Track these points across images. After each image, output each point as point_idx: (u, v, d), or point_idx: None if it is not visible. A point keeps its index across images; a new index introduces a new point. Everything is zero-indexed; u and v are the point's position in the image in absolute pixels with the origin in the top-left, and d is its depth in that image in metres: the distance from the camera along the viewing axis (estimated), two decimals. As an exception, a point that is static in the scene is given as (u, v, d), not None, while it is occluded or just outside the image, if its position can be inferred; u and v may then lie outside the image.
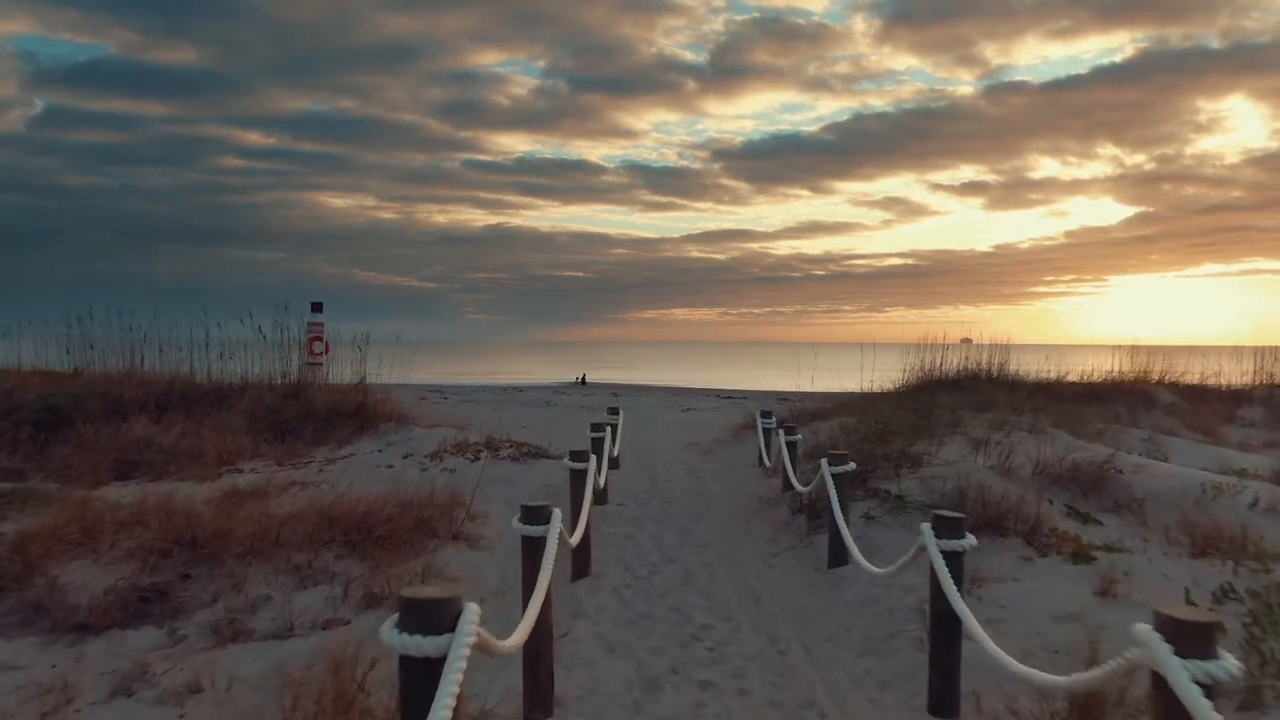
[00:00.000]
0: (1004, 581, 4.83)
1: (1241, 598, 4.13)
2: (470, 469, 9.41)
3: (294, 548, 5.99)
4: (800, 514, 6.75)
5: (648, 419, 17.99)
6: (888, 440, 8.29)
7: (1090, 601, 4.47)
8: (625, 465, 10.16)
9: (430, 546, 6.38)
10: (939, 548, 3.44)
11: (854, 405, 13.56)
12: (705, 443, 12.59)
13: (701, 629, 4.59)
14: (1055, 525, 5.75)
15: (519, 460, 9.61)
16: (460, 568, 6.03)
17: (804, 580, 5.49)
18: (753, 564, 5.95)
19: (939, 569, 3.37)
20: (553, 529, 3.52)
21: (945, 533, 3.49)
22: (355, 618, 5.11)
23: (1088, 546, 5.39)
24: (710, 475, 9.44)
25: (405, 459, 10.55)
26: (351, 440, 12.47)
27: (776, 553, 6.16)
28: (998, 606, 4.45)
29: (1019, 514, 5.68)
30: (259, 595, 5.45)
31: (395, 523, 6.38)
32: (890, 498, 6.28)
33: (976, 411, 10.45)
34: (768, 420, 9.73)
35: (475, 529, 6.98)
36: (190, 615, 5.26)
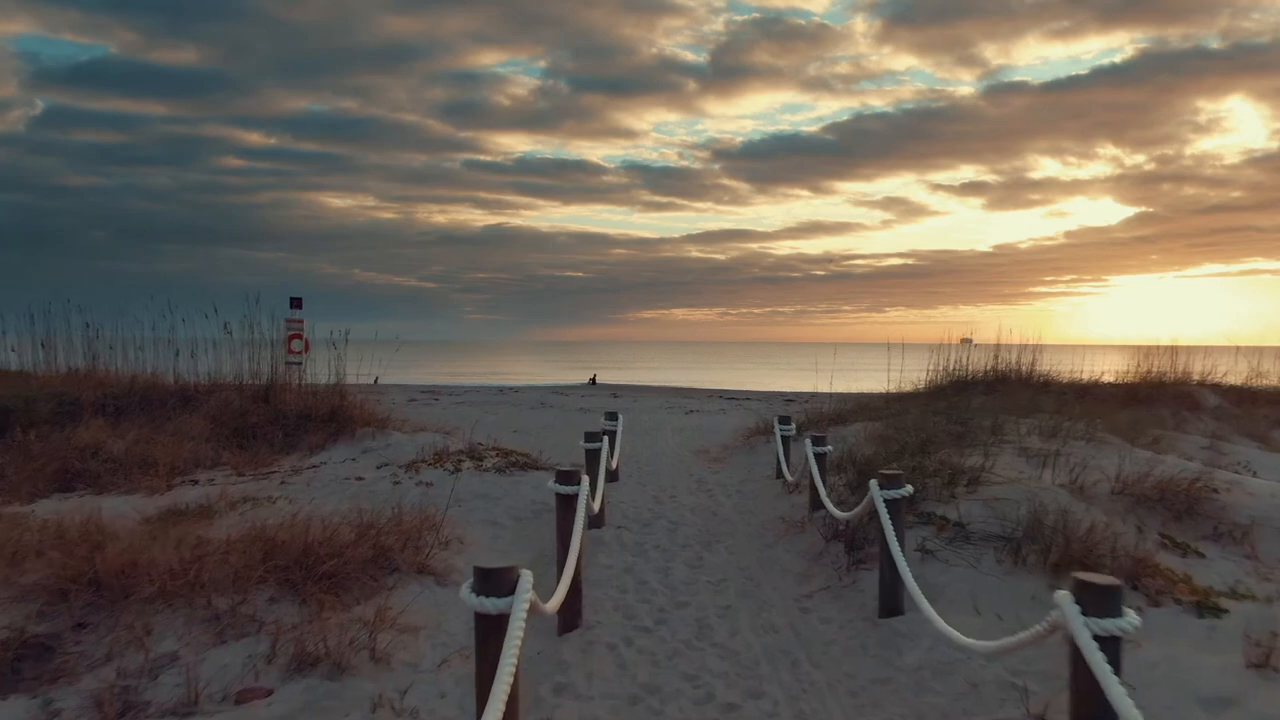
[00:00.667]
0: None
1: None
2: (449, 482, 8.29)
3: (218, 588, 4.87)
4: (834, 541, 5.63)
5: (650, 422, 16.86)
6: (927, 450, 7.18)
7: (1246, 679, 3.34)
8: (625, 477, 9.04)
9: (389, 583, 5.27)
10: (1089, 630, 2.31)
11: (874, 408, 12.46)
12: (713, 450, 11.46)
13: (726, 711, 3.46)
14: (1157, 562, 4.64)
15: (505, 472, 8.49)
16: (422, 613, 4.92)
17: (851, 634, 4.36)
18: (782, 608, 4.82)
19: (1095, 664, 2.25)
20: (518, 602, 2.39)
21: (1096, 607, 2.37)
22: (280, 685, 4.00)
23: (1209, 592, 4.27)
24: (722, 490, 8.31)
25: (379, 469, 9.45)
26: (325, 447, 11.37)
27: (810, 593, 5.03)
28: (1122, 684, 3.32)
29: (1114, 548, 4.56)
30: (164, 653, 4.33)
31: (347, 554, 5.25)
32: (948, 525, 5.16)
33: (1018, 416, 9.34)
34: (785, 426, 8.61)
35: (447, 559, 5.87)
36: (74, 680, 4.14)
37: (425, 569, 5.53)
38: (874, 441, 9.09)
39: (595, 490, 6.26)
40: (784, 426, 8.59)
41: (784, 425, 8.61)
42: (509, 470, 8.54)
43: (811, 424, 10.84)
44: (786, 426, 8.62)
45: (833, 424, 11.02)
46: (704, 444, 12.52)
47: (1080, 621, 2.34)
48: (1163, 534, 5.27)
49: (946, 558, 4.82)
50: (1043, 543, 4.75)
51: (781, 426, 8.57)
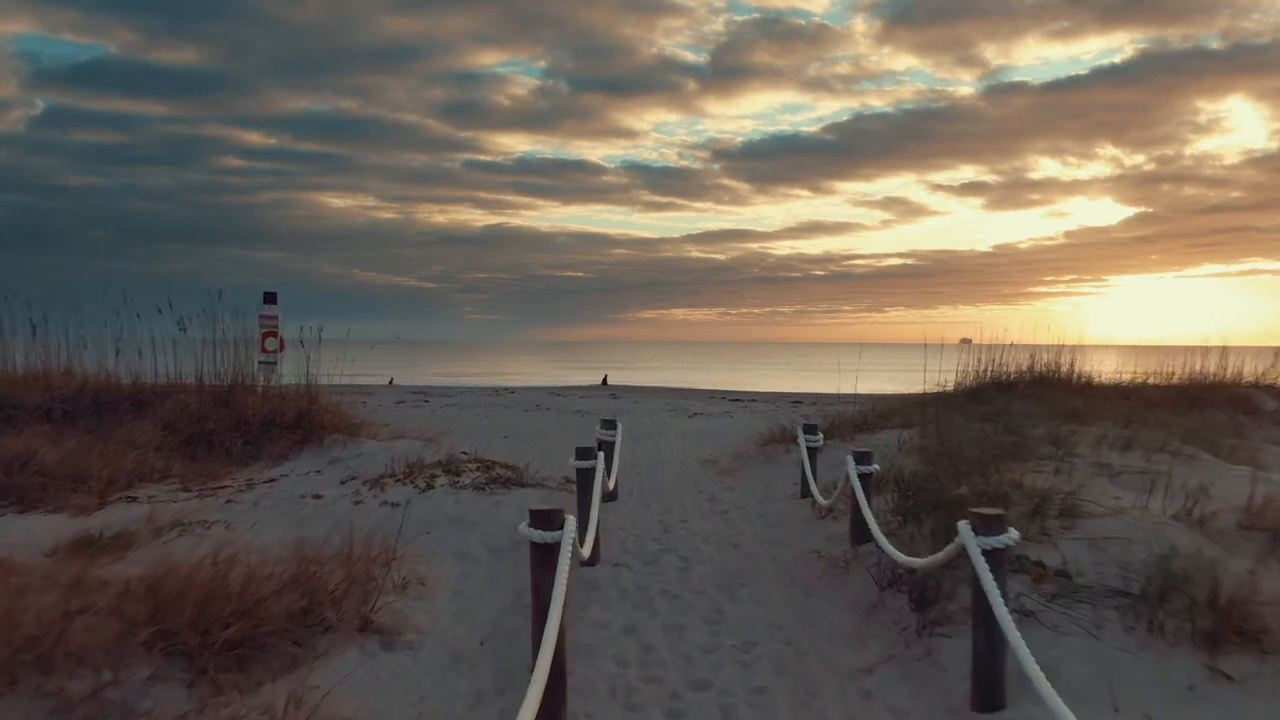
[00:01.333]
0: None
1: None
2: (419, 502, 7.09)
3: (85, 658, 3.66)
4: (892, 591, 4.42)
5: (651, 426, 15.64)
6: (987, 468, 5.97)
7: None
8: (626, 495, 7.83)
9: (319, 647, 4.06)
10: None
11: (900, 412, 11.25)
12: (724, 460, 10.25)
13: None
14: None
15: (485, 489, 7.28)
16: (357, 691, 3.71)
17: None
18: (836, 692, 3.60)
19: None
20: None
21: None
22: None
23: None
24: (740, 512, 7.09)
25: (342, 485, 8.25)
26: (289, 456, 10.17)
27: (870, 667, 3.80)
28: None
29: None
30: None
31: (262, 611, 4.04)
32: (1048, 574, 3.95)
33: (1076, 424, 8.13)
34: (812, 437, 7.38)
35: (401, 609, 4.66)
36: None
37: (370, 625, 4.32)
38: (914, 453, 7.89)
39: (588, 518, 5.06)
40: (810, 436, 7.36)
41: (810, 435, 7.38)
42: (489, 487, 7.33)
43: (835, 431, 9.64)
44: (813, 437, 7.39)
45: (858, 430, 9.83)
46: (712, 452, 11.30)
47: None
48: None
49: (1054, 622, 3.61)
50: (1184, 602, 3.55)
51: (807, 437, 7.34)
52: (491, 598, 4.93)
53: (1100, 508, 4.62)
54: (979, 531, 3.26)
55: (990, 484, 5.40)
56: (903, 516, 5.35)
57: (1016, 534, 3.31)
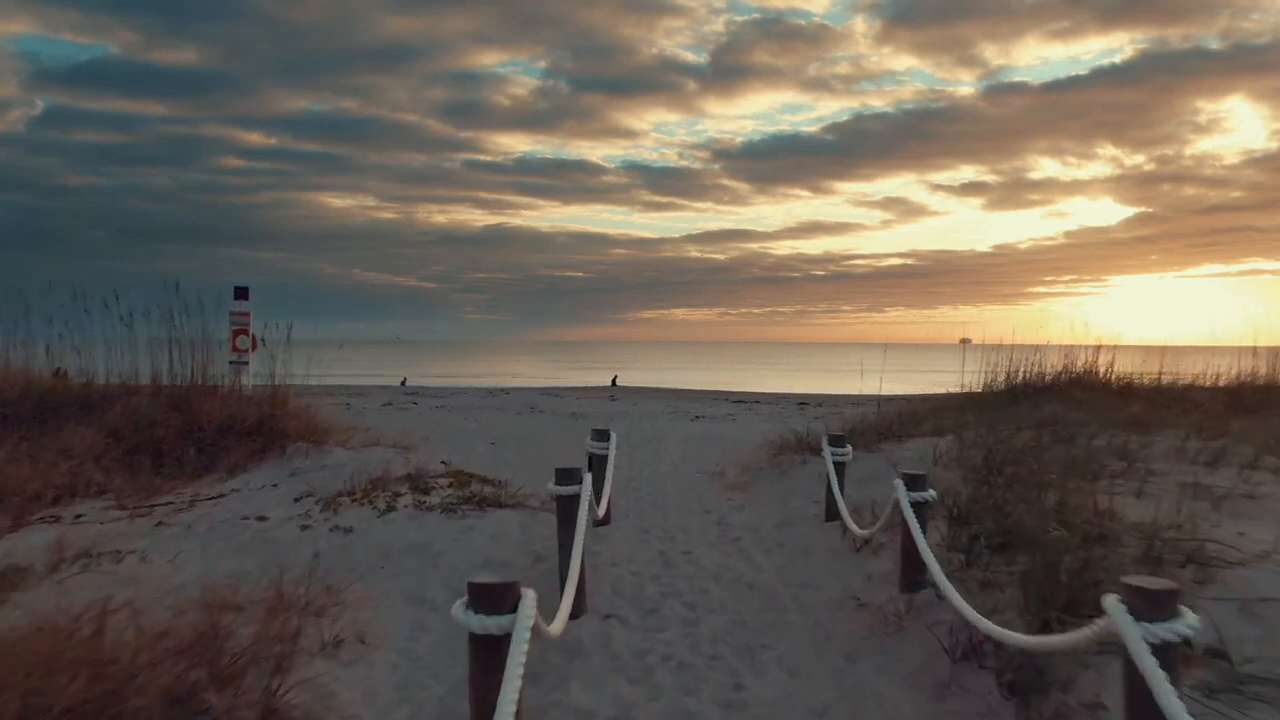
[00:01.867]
0: None
1: None
2: (376, 527, 6.01)
3: None
4: (968, 664, 3.33)
5: (651, 431, 14.56)
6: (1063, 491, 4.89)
7: None
8: (621, 516, 6.76)
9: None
10: None
11: (928, 416, 10.19)
12: (731, 471, 9.17)
13: None
14: None
15: (455, 511, 6.20)
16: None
17: None
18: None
19: None
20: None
21: None
22: None
23: None
24: (754, 538, 6.00)
25: (296, 503, 7.18)
26: (247, 467, 9.07)
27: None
28: None
29: None
30: None
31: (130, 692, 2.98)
32: (1194, 655, 2.87)
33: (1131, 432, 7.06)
34: (840, 450, 6.28)
35: (323, 686, 3.57)
36: None
37: (274, 715, 3.24)
38: (954, 467, 6.82)
39: (570, 558, 3.98)
40: (837, 449, 6.26)
41: (836, 447, 6.28)
42: (461, 508, 6.25)
43: (856, 439, 8.55)
44: (840, 450, 6.29)
45: (883, 439, 8.74)
46: (718, 461, 10.23)
47: None
48: None
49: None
50: None
51: (834, 449, 6.24)
52: (446, 664, 3.85)
53: (1238, 553, 3.54)
54: (1139, 615, 2.18)
55: (1072, 512, 4.32)
56: (964, 555, 4.27)
57: (1195, 620, 2.22)
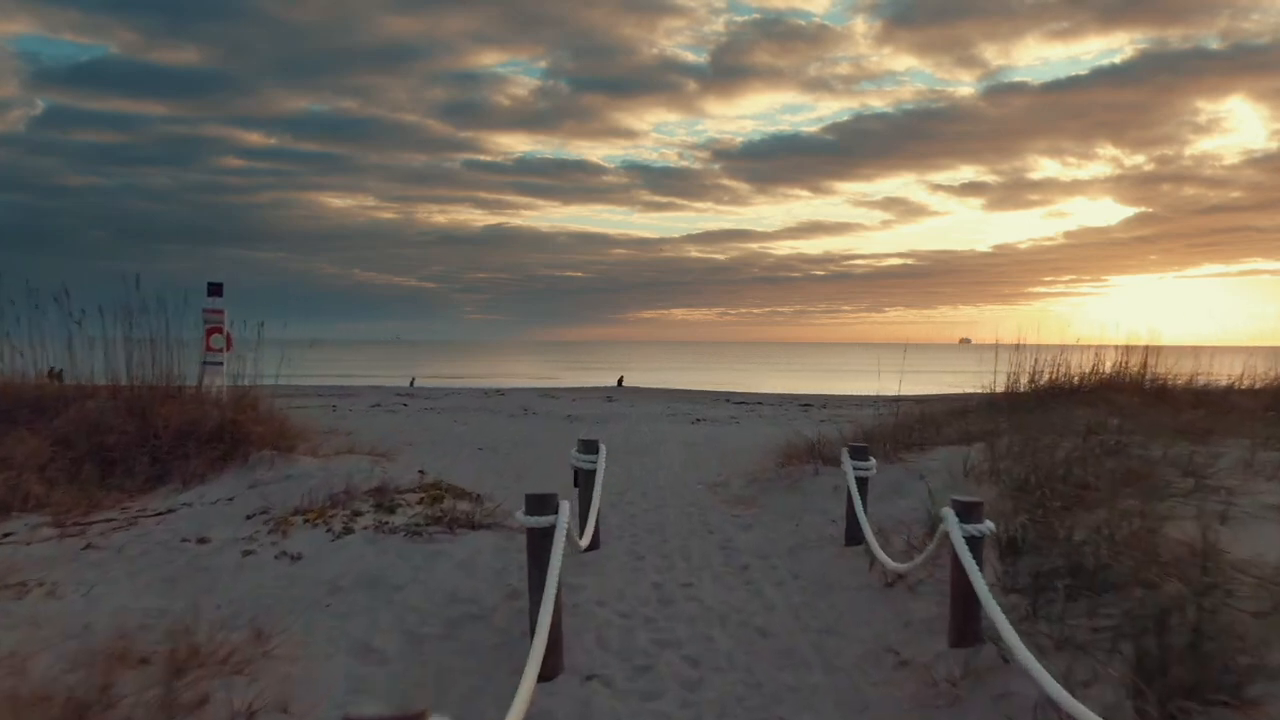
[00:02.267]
0: None
1: None
2: (328, 553, 5.21)
3: None
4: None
5: (649, 435, 13.76)
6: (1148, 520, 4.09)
7: None
8: (613, 539, 5.96)
9: None
10: None
11: (945, 421, 9.39)
12: (735, 481, 8.38)
13: None
14: None
15: (420, 534, 5.40)
16: None
17: None
18: None
19: None
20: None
21: None
22: None
23: None
24: (765, 567, 5.19)
25: (247, 521, 6.41)
26: (205, 477, 8.27)
27: None
28: None
29: None
30: None
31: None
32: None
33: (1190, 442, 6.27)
34: (863, 464, 5.47)
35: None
36: None
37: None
38: (988, 481, 6.03)
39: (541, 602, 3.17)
40: (859, 463, 5.44)
41: (859, 460, 5.47)
42: (427, 531, 5.46)
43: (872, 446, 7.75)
44: (863, 463, 5.47)
45: (903, 447, 7.94)
46: (720, 470, 9.43)
47: None
48: None
49: None
50: None
51: (856, 463, 5.43)
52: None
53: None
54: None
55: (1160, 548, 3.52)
56: (1030, 601, 3.46)
57: None
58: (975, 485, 6.15)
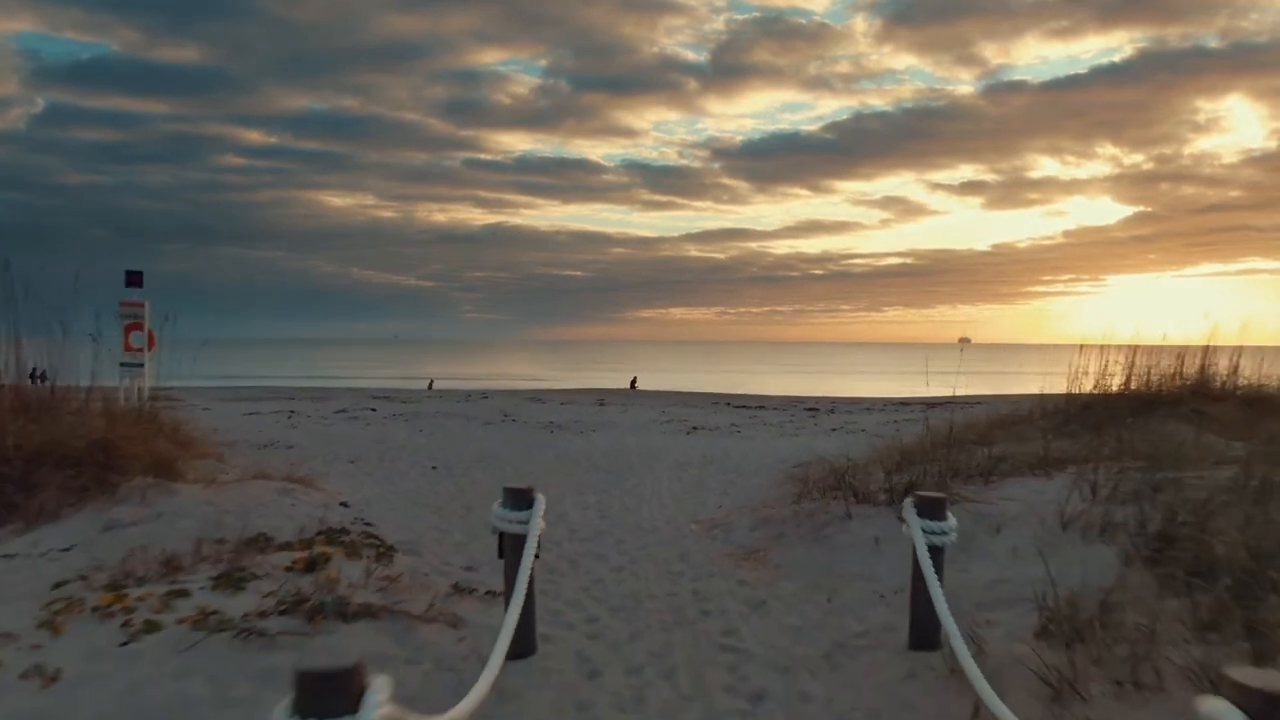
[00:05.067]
0: None
1: None
2: (105, 677, 3.34)
3: None
4: None
5: (637, 450, 11.89)
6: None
7: None
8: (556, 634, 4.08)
9: None
10: None
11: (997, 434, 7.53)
12: (740, 524, 6.49)
13: None
14: None
15: (258, 634, 3.52)
16: None
17: None
18: None
19: None
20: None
21: None
22: None
23: None
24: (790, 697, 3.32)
25: (54, 589, 4.56)
26: (61, 513, 6.44)
27: None
28: None
29: None
30: None
31: None
32: None
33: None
34: (938, 529, 3.58)
35: None
36: None
37: None
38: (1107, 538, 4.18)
39: None
40: (932, 524, 3.56)
41: (931, 520, 3.59)
42: (271, 629, 3.58)
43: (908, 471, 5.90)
44: (937, 525, 3.57)
45: (957, 476, 6.05)
46: (720, 502, 7.58)
47: None
48: None
49: None
50: None
51: (927, 524, 3.53)
52: None
53: None
54: None
55: None
56: None
57: None
58: (1084, 544, 4.29)
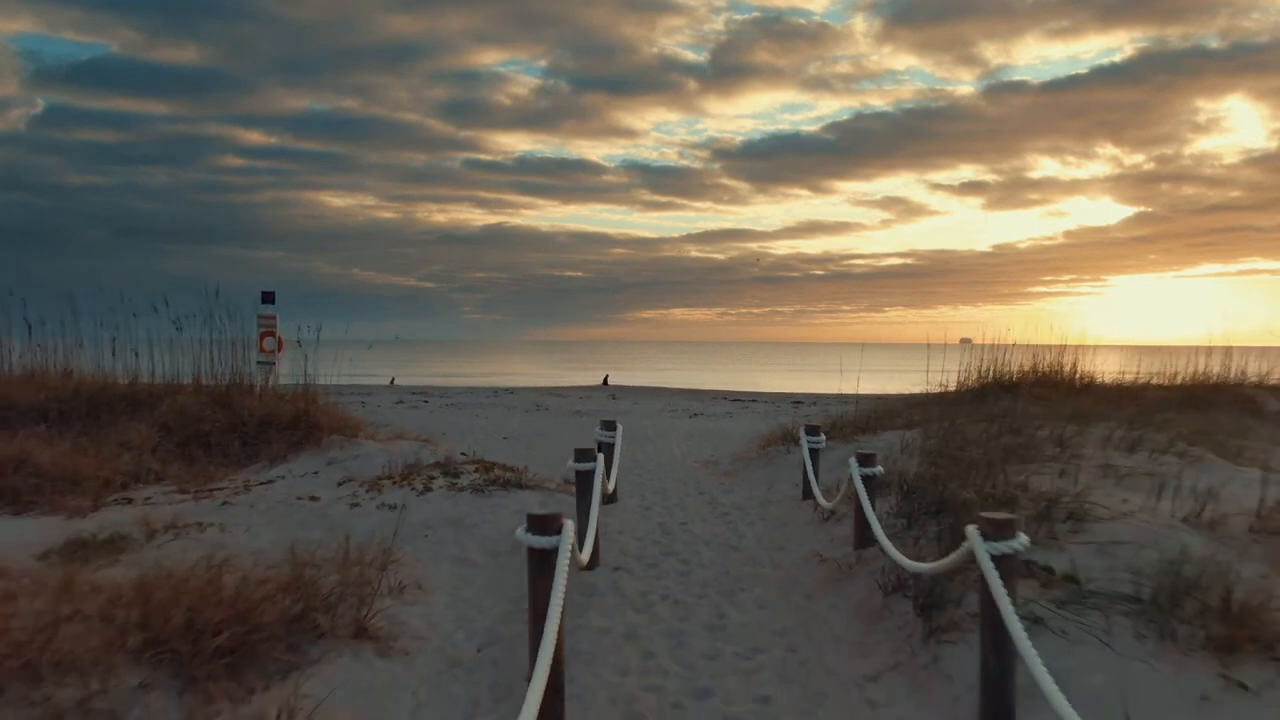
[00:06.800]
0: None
1: None
2: (416, 505, 7.01)
3: (72, 666, 3.57)
4: (896, 596, 4.34)
5: (652, 428, 15.57)
6: (992, 469, 5.89)
7: None
8: (626, 496, 7.76)
9: (313, 654, 3.98)
10: None
11: (902, 413, 11.17)
12: (724, 460, 10.17)
13: None
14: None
15: (483, 491, 7.20)
16: (351, 702, 3.63)
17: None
18: (840, 701, 3.53)
19: None
20: None
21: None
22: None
23: None
24: (740, 514, 7.02)
25: (340, 486, 8.17)
26: (287, 458, 10.07)
27: (875, 675, 3.73)
28: None
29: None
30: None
31: (256, 617, 3.95)
32: (1055, 579, 3.88)
33: (1079, 425, 8.05)
34: (814, 438, 7.31)
35: (397, 614, 4.58)
36: None
37: (365, 632, 4.24)
38: (917, 455, 7.81)
39: (588, 522, 4.98)
40: (812, 438, 7.29)
41: (812, 436, 7.31)
42: (488, 489, 7.25)
43: (837, 432, 9.57)
44: (815, 438, 7.32)
45: (859, 431, 9.74)
46: (713, 453, 11.23)
47: None
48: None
49: (1063, 629, 3.54)
50: (1195, 608, 3.48)
51: (809, 438, 7.27)
52: (490, 603, 4.85)
53: (1108, 511, 4.54)
54: (988, 537, 3.19)
55: (995, 486, 5.32)
56: (906, 519, 5.26)
57: (1026, 539, 3.23)
58: (907, 458, 7.94)
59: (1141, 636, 3.45)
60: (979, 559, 3.16)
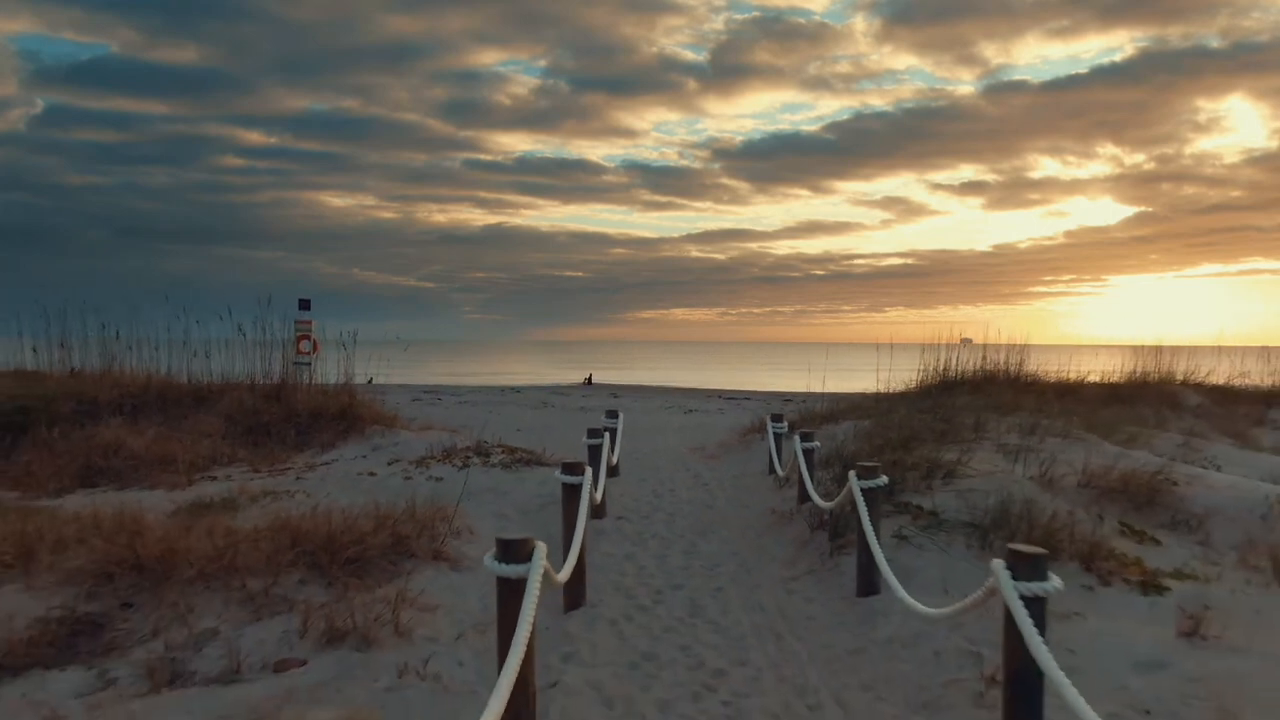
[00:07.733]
0: (1066, 617, 4.14)
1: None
2: (457, 478, 8.73)
3: (251, 571, 5.30)
4: (819, 530, 6.06)
5: (649, 422, 17.29)
6: (910, 446, 7.61)
7: (1175, 645, 3.77)
8: (626, 473, 9.47)
9: (407, 568, 5.70)
10: (1017, 592, 2.74)
11: (866, 408, 12.89)
12: (710, 447, 11.89)
13: (715, 676, 3.90)
14: (1112, 547, 5.07)
15: (510, 468, 8.92)
16: (439, 594, 5.34)
17: (830, 612, 4.80)
18: (770, 589, 5.25)
19: (1020, 620, 2.68)
20: (534, 569, 2.81)
21: (1024, 573, 2.80)
22: (313, 657, 4.42)
23: (1156, 573, 4.70)
24: (718, 484, 8.75)
25: (390, 465, 9.88)
26: (336, 445, 11.81)
27: (796, 576, 5.46)
28: (1065, 650, 3.75)
29: (1073, 534, 4.99)
30: (205, 629, 4.76)
31: (368, 541, 5.68)
32: (923, 513, 5.59)
33: (1001, 415, 9.77)
34: (778, 425, 9.04)
35: (459, 547, 6.30)
36: (125, 653, 4.57)
37: (440, 555, 5.97)
38: (861, 438, 9.53)
39: (597, 483, 6.69)
40: (776, 425, 9.02)
41: (776, 423, 9.05)
42: (515, 466, 8.96)
43: (804, 422, 11.29)
44: (779, 425, 9.05)
45: (824, 422, 11.44)
46: (702, 441, 12.94)
47: (1010, 585, 2.77)
48: (1122, 523, 5.70)
49: (921, 544, 5.25)
50: (1008, 529, 5.19)
51: (774, 425, 9.01)
52: (525, 541, 6.59)
53: (976, 471, 6.27)
54: (861, 477, 4.91)
55: (905, 457, 7.04)
56: (838, 484, 6.99)
57: (885, 479, 4.95)
58: (856, 442, 9.67)
59: (970, 547, 5.18)
60: (854, 492, 4.89)
